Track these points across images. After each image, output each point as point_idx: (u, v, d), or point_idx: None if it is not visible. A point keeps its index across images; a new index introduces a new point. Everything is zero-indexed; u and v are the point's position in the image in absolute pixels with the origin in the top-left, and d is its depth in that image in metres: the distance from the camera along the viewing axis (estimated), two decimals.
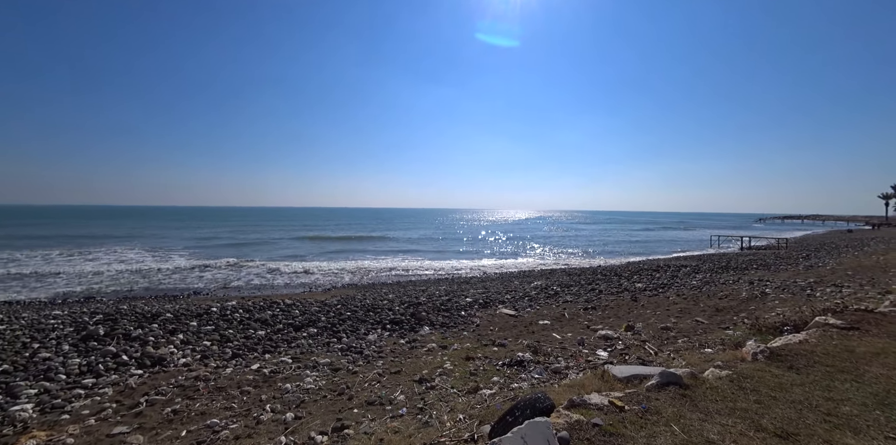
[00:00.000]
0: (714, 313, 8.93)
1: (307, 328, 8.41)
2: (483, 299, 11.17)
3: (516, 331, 8.05)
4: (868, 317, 5.80)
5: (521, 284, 14.09)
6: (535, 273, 18.18)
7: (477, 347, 7.01)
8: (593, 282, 13.78)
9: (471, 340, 7.54)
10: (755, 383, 3.66)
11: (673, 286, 12.53)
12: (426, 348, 7.07)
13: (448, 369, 5.93)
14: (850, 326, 5.36)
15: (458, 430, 3.75)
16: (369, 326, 8.61)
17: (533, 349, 6.58)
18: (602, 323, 8.32)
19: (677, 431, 2.89)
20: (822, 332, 5.23)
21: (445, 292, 12.55)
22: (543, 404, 3.25)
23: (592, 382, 4.51)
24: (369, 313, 9.53)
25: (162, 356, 6.41)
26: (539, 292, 12.14)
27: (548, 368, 5.71)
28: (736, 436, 2.78)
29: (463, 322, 8.89)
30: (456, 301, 10.74)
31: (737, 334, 6.83)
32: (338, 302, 10.65)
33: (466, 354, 6.54)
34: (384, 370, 6.04)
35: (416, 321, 8.92)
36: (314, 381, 5.67)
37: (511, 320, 9.03)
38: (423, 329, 8.34)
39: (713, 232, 49.31)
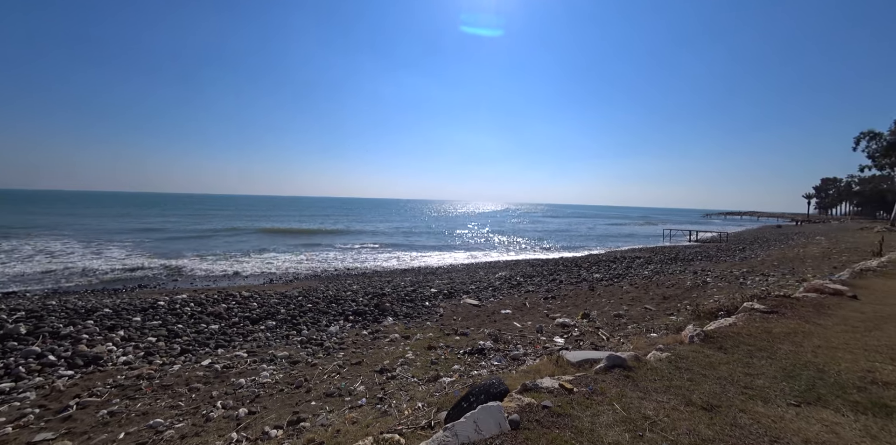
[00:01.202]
0: (661, 300, 9.61)
1: (265, 320, 8.11)
2: (448, 289, 11.30)
3: (479, 320, 8.23)
4: (785, 302, 6.48)
5: (486, 275, 14.39)
6: (501, 264, 18.62)
7: (440, 336, 7.10)
8: (555, 273, 14.35)
9: (434, 330, 7.62)
10: (689, 363, 3.98)
11: (627, 276, 13.33)
12: (389, 338, 7.06)
13: (410, 358, 5.97)
14: (771, 310, 5.97)
15: (416, 418, 3.79)
16: (331, 317, 8.45)
17: (494, 338, 6.77)
18: (560, 312, 8.71)
19: (618, 409, 3.10)
20: (748, 316, 5.78)
21: (411, 283, 12.56)
22: (497, 389, 3.36)
23: (548, 367, 4.71)
24: (332, 304, 9.34)
25: (98, 355, 5.91)
26: (503, 282, 12.47)
27: (507, 355, 5.89)
28: (669, 411, 3.01)
29: (427, 313, 8.95)
30: (421, 292, 10.78)
31: (679, 319, 7.38)
32: (299, 294, 10.34)
33: (429, 343, 6.60)
34: (345, 362, 5.96)
35: (380, 311, 8.86)
36: (271, 375, 5.50)
37: (474, 309, 9.22)
38: (387, 320, 8.31)
39: (667, 226, 52.88)
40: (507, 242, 34.24)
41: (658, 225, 65.47)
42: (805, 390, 3.35)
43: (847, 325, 5.21)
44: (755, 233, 46.17)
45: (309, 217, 59.97)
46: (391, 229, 45.48)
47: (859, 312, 5.89)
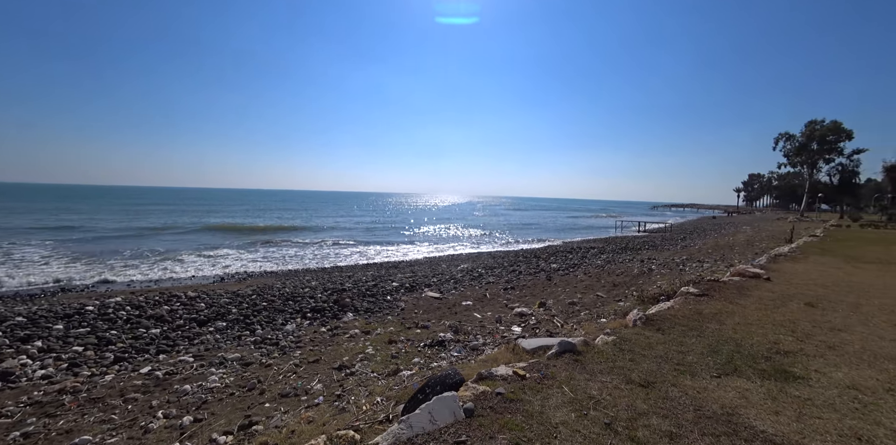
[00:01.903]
0: (612, 287, 10.27)
1: (215, 321, 7.63)
2: (410, 283, 11.29)
3: (440, 313, 8.32)
4: (715, 285, 7.20)
5: (448, 267, 14.54)
6: (463, 257, 18.88)
7: (400, 330, 7.09)
8: (515, 264, 14.82)
9: (395, 324, 7.59)
10: (631, 345, 4.30)
11: (581, 266, 14.09)
12: (349, 334, 6.94)
13: (370, 354, 5.92)
14: (703, 293, 6.60)
15: (374, 413, 3.78)
16: (287, 315, 8.13)
17: (454, 329, 6.88)
18: (519, 301, 9.03)
19: (567, 391, 3.29)
20: (683, 299, 6.35)
21: (372, 277, 12.39)
22: (453, 379, 3.43)
23: (505, 355, 4.88)
24: (288, 302, 8.98)
25: (8, 371, 5.23)
26: (464, 274, 12.67)
27: (467, 346, 6.02)
28: (611, 390, 3.25)
29: (388, 307, 8.90)
30: (382, 286, 10.68)
31: (626, 305, 7.94)
32: (253, 292, 9.82)
33: (389, 338, 6.57)
34: (302, 361, 5.79)
35: (340, 307, 8.68)
36: (220, 379, 5.20)
37: (436, 302, 9.30)
38: (347, 316, 8.16)
39: (619, 218, 56.42)
40: (469, 234, 34.75)
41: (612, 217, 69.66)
42: (725, 363, 3.76)
43: (761, 304, 5.90)
44: (695, 223, 50.59)
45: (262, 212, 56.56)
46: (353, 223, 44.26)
47: (771, 292, 6.68)
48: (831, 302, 6.00)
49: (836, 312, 5.46)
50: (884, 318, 5.19)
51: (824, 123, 55.27)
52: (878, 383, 3.33)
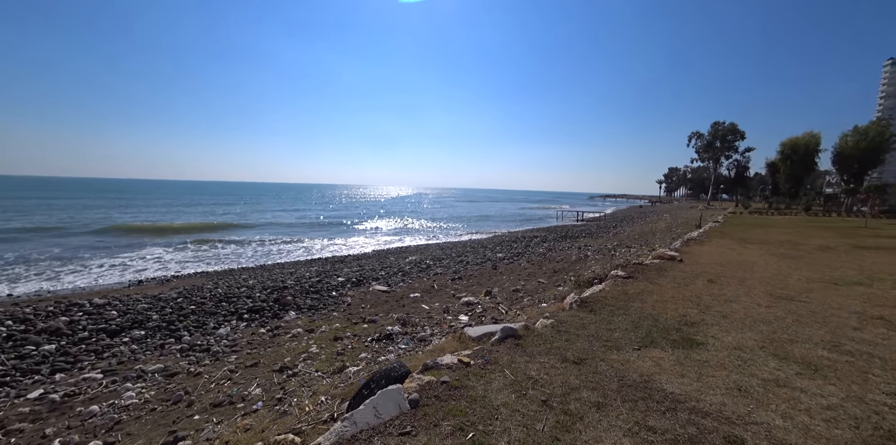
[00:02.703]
0: (552, 274, 10.95)
1: (131, 330, 6.76)
2: (357, 277, 11.01)
3: (388, 306, 8.25)
4: (639, 268, 8.00)
5: (396, 260, 14.41)
6: (412, 249, 18.83)
7: (346, 326, 6.91)
8: (463, 254, 15.14)
9: (341, 320, 7.37)
10: (567, 326, 4.63)
11: (525, 255, 14.82)
12: (291, 334, 6.60)
13: (314, 352, 5.69)
14: (629, 275, 7.30)
15: (318, 413, 3.65)
16: (221, 318, 7.48)
17: (402, 322, 6.87)
18: (466, 291, 9.26)
19: (508, 374, 3.46)
20: (613, 282, 6.97)
21: (317, 273, 11.85)
22: (398, 372, 3.42)
23: (451, 344, 4.98)
24: (222, 303, 8.26)
25: None
26: (413, 266, 12.66)
27: (415, 337, 6.05)
28: (548, 369, 3.48)
29: (333, 303, 8.60)
30: (327, 282, 10.28)
31: (565, 289, 8.53)
32: (178, 295, 8.87)
33: (335, 335, 6.37)
34: (238, 365, 5.39)
35: (281, 306, 8.19)
36: (138, 394, 4.65)
37: (383, 295, 9.18)
38: (289, 315, 7.73)
39: (561, 208, 60.11)
40: (418, 226, 34.72)
41: (554, 208, 73.99)
42: (644, 336, 4.21)
43: (675, 282, 6.69)
44: (625, 212, 55.67)
45: (189, 207, 50.98)
46: (295, 217, 41.74)
47: (683, 272, 7.59)
48: (726, 278, 6.99)
49: (728, 286, 6.38)
50: (761, 289, 6.19)
51: (725, 124, 63.65)
52: (755, 343, 3.97)
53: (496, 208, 71.82)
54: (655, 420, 2.65)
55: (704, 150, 66.95)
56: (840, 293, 6.09)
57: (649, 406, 2.82)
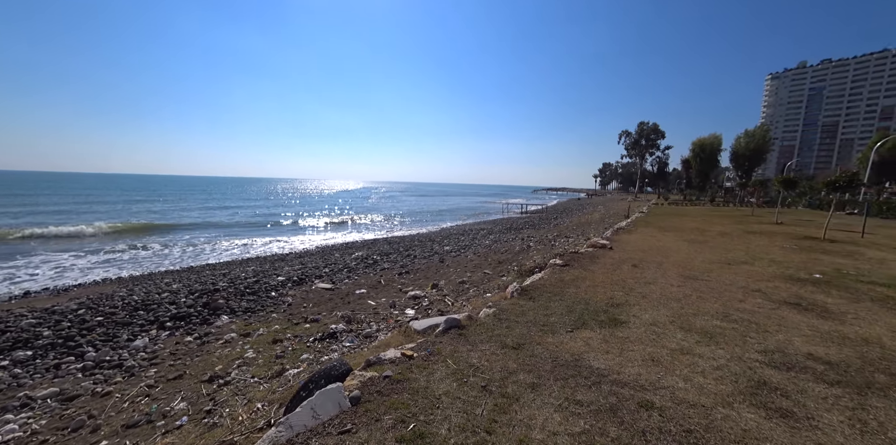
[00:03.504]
0: (497, 265, 11.36)
1: (12, 352, 5.72)
2: (298, 275, 10.45)
3: (332, 304, 7.96)
4: (575, 256, 8.62)
5: (341, 256, 13.93)
6: (358, 244, 18.32)
7: (287, 327, 6.55)
8: (410, 248, 15.08)
9: (281, 321, 6.97)
10: (508, 314, 4.84)
11: (472, 247, 15.18)
12: (223, 340, 6.09)
13: (250, 358, 5.32)
14: (566, 263, 7.84)
15: (253, 421, 3.43)
16: (137, 329, 6.65)
17: (347, 319, 6.68)
18: (413, 285, 9.26)
19: (450, 364, 3.54)
20: (551, 270, 7.43)
21: (254, 272, 11.03)
22: (339, 370, 3.34)
23: (397, 339, 4.96)
24: (138, 312, 7.33)
25: None
26: (359, 262, 12.34)
27: (360, 334, 5.92)
28: (489, 356, 3.63)
29: (273, 304, 8.09)
30: (266, 282, 9.62)
31: (508, 279, 8.89)
32: (80, 306, 7.69)
33: (274, 337, 6.01)
34: (158, 379, 4.85)
35: (212, 310, 7.51)
36: (23, 426, 3.97)
37: (327, 293, 8.85)
38: (221, 319, 7.12)
39: (507, 201, 62.35)
40: (365, 221, 33.85)
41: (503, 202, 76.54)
42: (577, 319, 4.56)
43: (605, 268, 7.33)
44: (565, 205, 59.40)
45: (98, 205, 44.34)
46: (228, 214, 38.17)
47: (612, 258, 8.33)
48: (647, 262, 7.81)
49: (648, 270, 7.13)
50: (674, 271, 7.02)
51: (649, 124, 70.65)
52: (666, 318, 4.50)
53: (445, 201, 72.45)
54: (582, 394, 2.90)
55: (632, 147, 73.92)
56: (732, 271, 7.12)
57: (578, 382, 3.07)
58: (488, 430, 2.48)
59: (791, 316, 4.65)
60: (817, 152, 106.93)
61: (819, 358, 3.48)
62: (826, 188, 14.18)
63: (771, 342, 3.85)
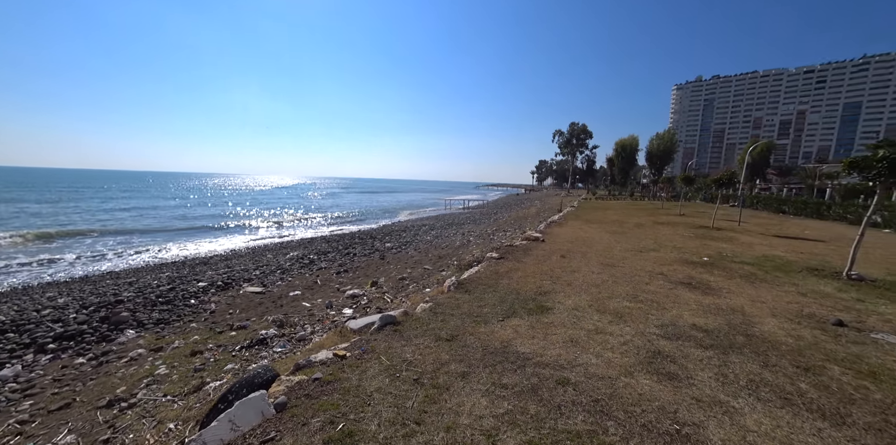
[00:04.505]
0: (437, 260, 11.51)
1: None
2: (224, 280, 9.55)
3: (262, 308, 7.44)
4: (510, 249, 9.07)
5: (274, 257, 13.02)
6: (294, 244, 17.27)
7: (209, 337, 5.98)
8: (350, 246, 14.62)
9: (201, 331, 6.33)
10: (444, 307, 4.94)
11: (413, 243, 15.18)
12: (127, 358, 5.35)
13: (161, 374, 4.76)
14: (501, 256, 8.22)
15: (163, 444, 3.10)
16: (6, 355, 5.53)
17: (279, 324, 6.30)
18: (352, 283, 9.01)
19: (384, 360, 3.53)
20: (488, 263, 7.73)
21: (169, 279, 9.83)
22: (263, 377, 3.15)
23: (332, 339, 4.80)
24: (7, 334, 6.10)
25: None
26: (294, 263, 11.65)
27: (293, 339, 5.63)
28: (422, 350, 3.68)
29: (192, 312, 7.30)
30: (184, 288, 8.63)
31: (448, 273, 9.06)
32: None
33: (192, 349, 5.45)
34: (36, 412, 4.12)
35: (113, 325, 6.54)
36: None
37: (257, 297, 8.23)
38: (125, 334, 6.24)
39: (450, 197, 63.21)
40: (302, 219, 31.99)
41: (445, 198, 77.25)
42: (508, 308, 4.82)
43: (536, 259, 7.82)
44: (505, 200, 61.98)
45: None
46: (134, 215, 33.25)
47: (543, 250, 8.92)
48: (573, 253, 8.50)
49: (574, 259, 7.77)
50: (596, 260, 7.75)
51: (579, 124, 76.52)
52: (586, 302, 4.97)
53: (388, 198, 71.26)
54: (508, 377, 3.09)
55: (564, 145, 79.50)
56: (642, 258, 8.06)
57: (505, 367, 3.26)
58: (418, 421, 2.53)
59: (684, 294, 5.42)
60: (710, 154, 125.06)
61: (700, 327, 4.12)
62: (713, 184, 16.69)
63: (667, 317, 4.46)
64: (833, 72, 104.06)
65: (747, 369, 3.22)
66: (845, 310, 4.88)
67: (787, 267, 7.41)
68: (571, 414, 2.56)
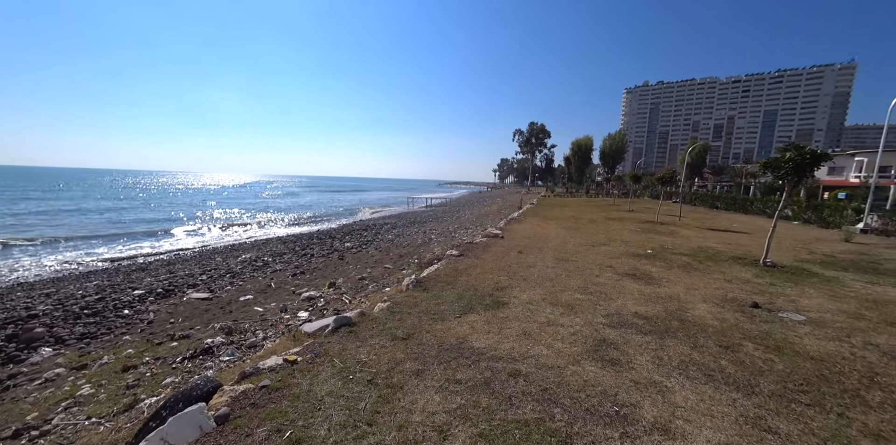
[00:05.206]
0: (398, 259, 11.39)
1: None
2: (164, 286, 8.78)
3: (209, 315, 6.94)
4: (470, 246, 9.19)
5: (224, 260, 12.20)
6: (246, 246, 16.29)
7: (145, 350, 5.47)
8: (308, 247, 14.06)
9: (136, 344, 5.78)
10: (401, 306, 4.89)
11: (374, 242, 14.91)
12: (42, 379, 4.75)
13: (85, 395, 4.28)
14: (461, 253, 8.30)
15: None
16: None
17: (227, 331, 5.91)
18: (308, 285, 8.67)
19: (337, 363, 3.43)
20: (447, 260, 7.77)
21: (97, 288, 8.85)
22: (203, 389, 2.94)
23: (284, 345, 4.58)
24: None
25: None
26: (246, 265, 10.99)
27: (242, 346, 5.32)
28: (378, 349, 3.62)
29: (125, 324, 6.64)
30: (116, 298, 7.82)
31: (408, 272, 8.99)
32: None
33: (124, 364, 4.96)
34: None
35: (25, 343, 5.77)
36: None
37: (203, 304, 7.67)
38: (40, 353, 5.53)
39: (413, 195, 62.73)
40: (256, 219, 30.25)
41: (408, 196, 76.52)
42: (465, 305, 4.87)
43: (495, 256, 7.99)
44: (468, 198, 62.65)
45: None
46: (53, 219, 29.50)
47: (502, 246, 9.13)
48: (530, 248, 8.78)
49: (531, 255, 8.03)
50: (551, 255, 8.07)
51: (538, 124, 79.17)
52: (540, 296, 5.15)
53: (348, 196, 69.37)
54: (462, 373, 3.12)
55: (524, 144, 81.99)
56: (594, 252, 8.52)
57: (459, 363, 3.29)
58: (370, 422, 2.49)
59: (629, 285, 5.80)
60: (656, 154, 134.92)
61: (641, 315, 4.43)
62: (658, 182, 18.03)
63: (612, 307, 4.74)
64: (755, 82, 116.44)
65: (679, 351, 3.52)
66: (760, 293, 5.48)
67: (717, 257, 8.18)
68: (521, 404, 2.65)
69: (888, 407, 2.75)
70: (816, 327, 4.27)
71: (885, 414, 2.66)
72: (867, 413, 2.67)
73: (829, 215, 16.00)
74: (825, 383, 3.05)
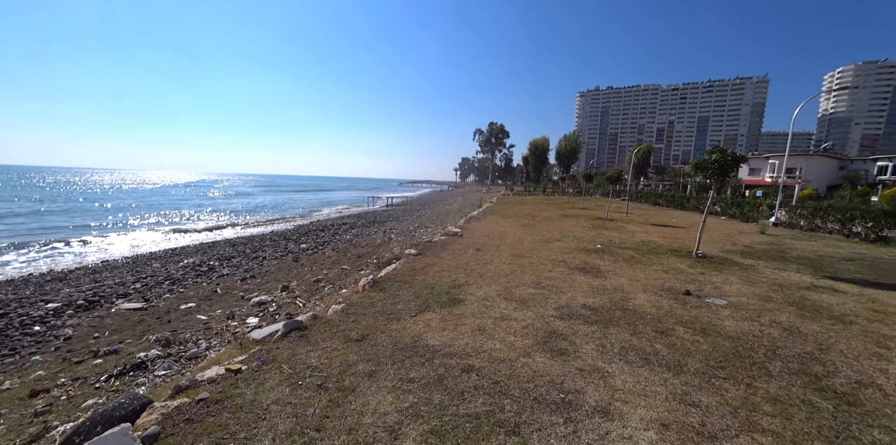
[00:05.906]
0: (356, 259, 11.12)
1: None
2: (87, 297, 7.84)
3: (143, 327, 6.31)
4: (429, 245, 9.18)
5: (162, 266, 11.16)
6: (190, 250, 15.03)
7: (60, 370, 4.86)
8: (259, 249, 13.27)
9: (49, 364, 5.12)
10: (357, 307, 4.78)
11: (332, 243, 14.42)
12: None
13: None
14: (419, 252, 8.26)
15: None
16: None
17: (164, 342, 5.42)
18: (259, 290, 8.20)
19: (286, 369, 3.27)
20: (406, 260, 7.71)
21: (1, 302, 7.71)
22: (128, 409, 2.66)
23: (230, 353, 4.28)
24: None
25: None
26: (188, 271, 10.14)
27: (181, 358, 4.90)
28: (330, 353, 3.50)
29: (36, 343, 5.84)
30: (23, 313, 6.85)
31: (366, 272, 8.80)
32: None
33: (32, 389, 4.37)
34: None
35: None
36: None
37: (136, 315, 6.96)
38: None
39: (373, 194, 61.48)
40: (201, 221, 28.04)
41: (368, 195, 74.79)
42: (422, 304, 4.85)
43: (453, 254, 8.04)
44: (430, 196, 62.58)
45: None
46: None
47: (461, 244, 9.21)
48: (488, 246, 8.95)
49: (489, 252, 8.19)
50: (508, 251, 8.29)
51: (497, 124, 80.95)
52: (496, 292, 5.27)
53: (304, 195, 66.47)
54: (416, 371, 3.11)
55: (484, 144, 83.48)
56: (548, 247, 8.87)
57: (413, 362, 3.27)
58: (318, 428, 2.41)
59: (579, 278, 6.10)
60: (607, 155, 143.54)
61: (588, 306, 4.69)
62: (607, 181, 19.18)
63: (563, 299, 4.96)
64: (691, 91, 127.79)
65: (621, 338, 3.76)
66: (692, 282, 6.03)
67: (657, 250, 8.87)
68: (473, 399, 2.69)
69: (785, 375, 3.14)
70: (735, 309, 4.77)
71: (782, 381, 3.03)
72: (769, 381, 3.03)
73: (749, 211, 18.00)
74: (738, 358, 3.42)
